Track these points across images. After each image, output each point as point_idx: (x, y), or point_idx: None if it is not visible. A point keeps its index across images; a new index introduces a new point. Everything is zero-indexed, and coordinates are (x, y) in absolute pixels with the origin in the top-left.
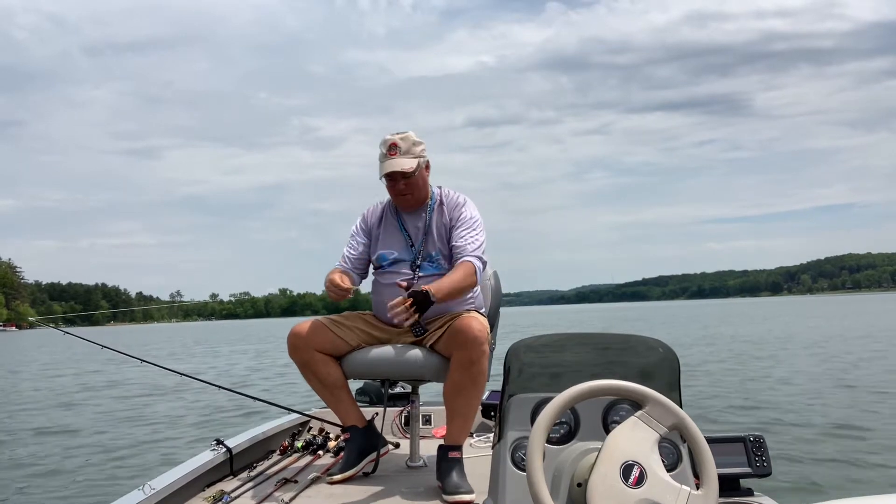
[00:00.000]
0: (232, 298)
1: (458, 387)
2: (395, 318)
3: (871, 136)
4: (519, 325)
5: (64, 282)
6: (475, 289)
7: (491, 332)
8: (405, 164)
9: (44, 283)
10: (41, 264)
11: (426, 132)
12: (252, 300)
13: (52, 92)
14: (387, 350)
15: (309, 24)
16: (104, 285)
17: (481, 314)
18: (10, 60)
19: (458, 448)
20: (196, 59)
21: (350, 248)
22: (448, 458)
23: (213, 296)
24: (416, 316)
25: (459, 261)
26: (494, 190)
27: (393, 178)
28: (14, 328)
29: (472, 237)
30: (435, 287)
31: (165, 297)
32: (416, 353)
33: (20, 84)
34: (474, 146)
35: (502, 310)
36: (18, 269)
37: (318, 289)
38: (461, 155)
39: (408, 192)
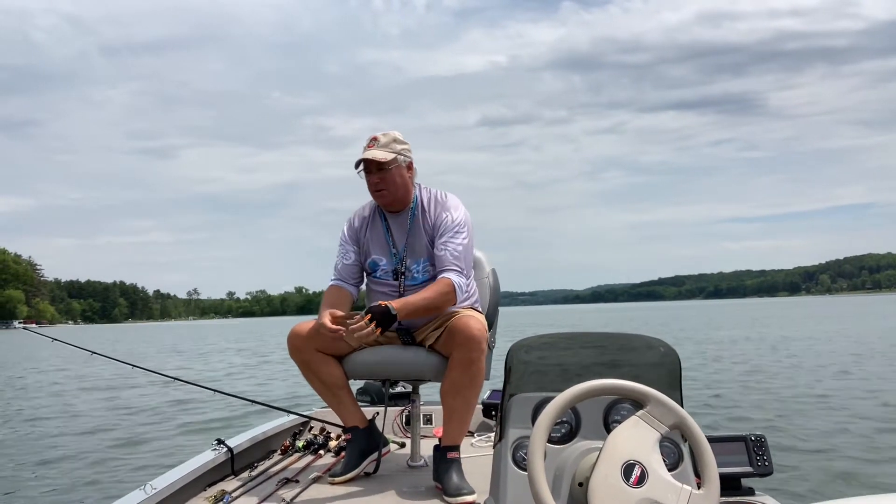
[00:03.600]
0: (248, 296)
1: (457, 386)
2: (357, 337)
3: (888, 135)
4: (518, 325)
5: (82, 279)
6: (472, 287)
7: (490, 330)
8: (378, 154)
9: (63, 280)
10: (60, 262)
11: (439, 131)
12: (268, 298)
13: (70, 92)
14: (387, 350)
15: (323, 24)
16: (122, 283)
17: (477, 310)
18: (29, 61)
19: (457, 448)
20: (211, 59)
21: (342, 256)
22: (447, 459)
23: (230, 294)
24: (378, 331)
25: (438, 276)
26: (509, 189)
27: (368, 170)
28: (34, 325)
29: (453, 246)
30: (400, 304)
31: (182, 294)
32: (415, 353)
33: (38, 84)
34: (487, 145)
35: (513, 308)
36: (38, 267)
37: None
38: (475, 154)
39: (383, 188)
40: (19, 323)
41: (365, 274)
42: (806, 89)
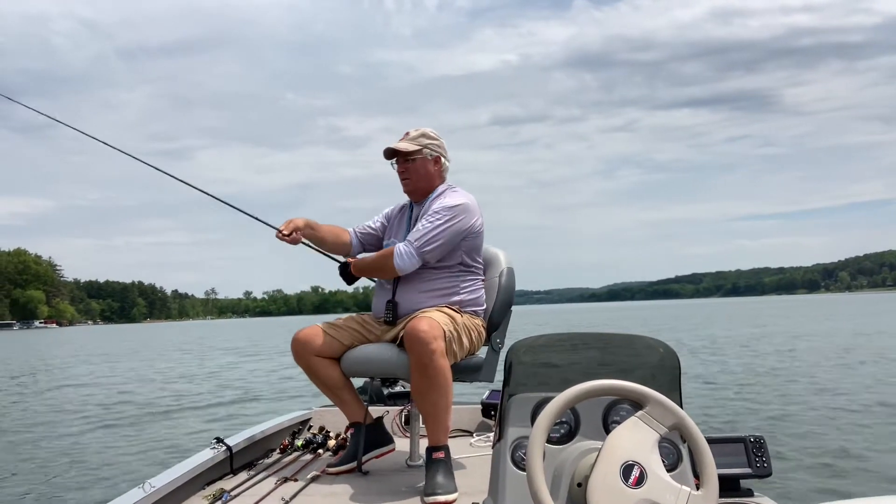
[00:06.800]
0: (265, 296)
1: (418, 389)
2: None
3: None
4: (529, 325)
5: (101, 280)
6: (475, 284)
7: (496, 331)
8: (402, 145)
9: (82, 281)
10: (79, 262)
11: (451, 130)
12: (284, 298)
13: (87, 95)
14: (368, 348)
15: (336, 25)
16: (140, 283)
17: (469, 313)
18: (47, 65)
19: (440, 448)
20: (225, 61)
21: (371, 220)
22: (431, 459)
23: (247, 293)
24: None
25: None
26: (523, 187)
27: (395, 159)
28: (55, 325)
29: (421, 225)
30: (356, 260)
31: (200, 294)
32: (390, 351)
33: (56, 87)
34: (499, 144)
35: (527, 307)
36: (58, 268)
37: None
38: (487, 153)
39: (406, 177)
40: (40, 322)
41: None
42: (820, 85)
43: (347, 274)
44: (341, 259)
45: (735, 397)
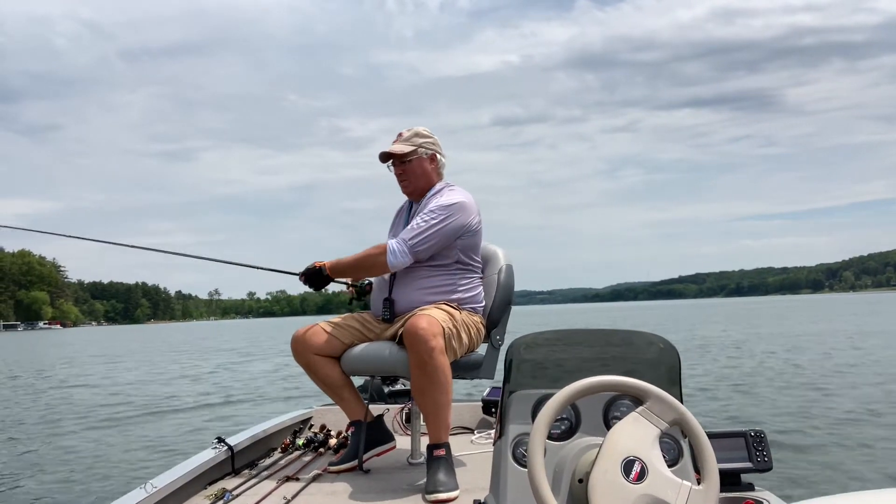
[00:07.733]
0: (268, 296)
1: (419, 387)
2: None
3: None
4: (531, 325)
5: (105, 281)
6: (473, 282)
7: (496, 328)
8: (396, 147)
9: (86, 282)
10: (83, 263)
11: (452, 131)
12: (288, 298)
13: (90, 96)
14: (367, 347)
15: (338, 26)
16: (144, 284)
17: (468, 310)
18: (50, 67)
19: (441, 446)
20: (228, 62)
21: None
22: (433, 457)
23: (251, 294)
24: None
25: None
26: (525, 188)
27: (391, 162)
28: (59, 326)
29: (415, 223)
30: (332, 263)
31: (204, 295)
32: (390, 349)
33: (59, 89)
34: (501, 145)
35: (529, 308)
36: (62, 269)
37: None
38: (489, 153)
39: (404, 179)
40: (44, 323)
41: None
42: (823, 85)
43: (319, 279)
44: (313, 267)
45: (736, 393)
